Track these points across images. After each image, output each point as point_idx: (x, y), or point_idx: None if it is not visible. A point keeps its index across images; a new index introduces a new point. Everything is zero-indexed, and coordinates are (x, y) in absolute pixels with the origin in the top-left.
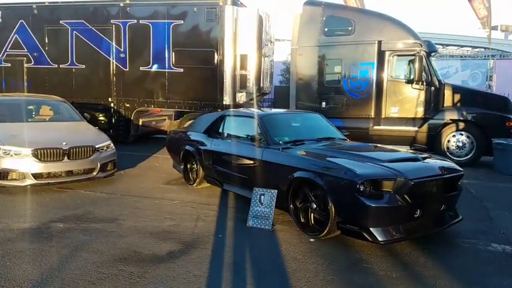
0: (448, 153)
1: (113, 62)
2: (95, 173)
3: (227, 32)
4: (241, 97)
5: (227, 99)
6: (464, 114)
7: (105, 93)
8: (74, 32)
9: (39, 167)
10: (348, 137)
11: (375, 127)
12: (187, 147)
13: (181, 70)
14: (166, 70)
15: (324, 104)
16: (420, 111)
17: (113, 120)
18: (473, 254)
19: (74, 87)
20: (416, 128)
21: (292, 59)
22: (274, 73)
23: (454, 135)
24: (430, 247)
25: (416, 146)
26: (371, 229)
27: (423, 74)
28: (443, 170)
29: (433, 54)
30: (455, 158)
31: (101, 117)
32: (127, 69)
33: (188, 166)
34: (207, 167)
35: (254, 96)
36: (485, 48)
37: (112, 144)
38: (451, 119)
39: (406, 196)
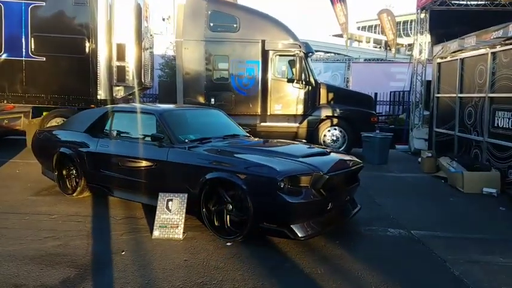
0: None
1: None
2: None
3: (100, 18)
4: (119, 91)
5: (102, 93)
6: (337, 111)
7: None
8: None
9: None
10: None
11: (262, 124)
12: (62, 149)
13: (44, 59)
14: (24, 58)
15: (213, 100)
16: (300, 109)
17: None
18: (378, 240)
19: None
20: (297, 124)
21: (178, 52)
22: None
23: (329, 130)
24: (340, 239)
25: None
26: (291, 226)
27: (302, 73)
28: (348, 162)
29: (310, 55)
30: None
31: None
32: None
33: (64, 172)
34: (91, 172)
35: (136, 90)
36: (335, 53)
37: None
38: (326, 116)
39: (321, 190)
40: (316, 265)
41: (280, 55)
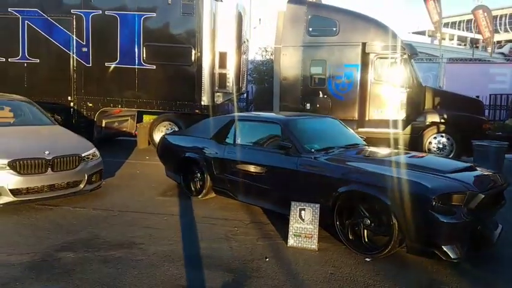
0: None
1: (73, 57)
2: (81, 186)
3: (205, 27)
4: (219, 97)
5: (205, 100)
6: (444, 117)
7: (64, 92)
8: (26, 21)
9: (18, 182)
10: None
11: (359, 129)
12: (188, 154)
13: (154, 67)
14: (136, 66)
15: (308, 105)
16: (402, 114)
17: (73, 122)
18: None
19: (25, 85)
20: (399, 130)
21: (276, 58)
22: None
23: (435, 137)
24: (488, 262)
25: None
26: (443, 247)
27: (406, 77)
28: (497, 179)
29: (414, 57)
30: None
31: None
32: (90, 65)
33: (188, 175)
34: (218, 176)
35: (234, 96)
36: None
37: (97, 152)
38: (432, 121)
39: (473, 210)
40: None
41: (381, 57)
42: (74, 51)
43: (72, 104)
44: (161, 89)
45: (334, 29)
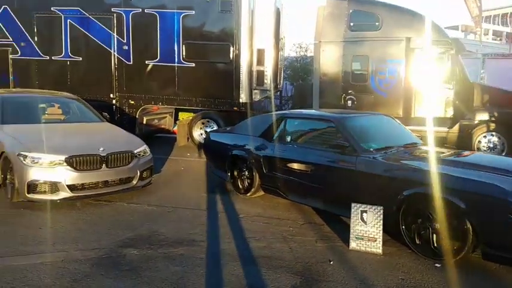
0: None
1: (114, 55)
2: (134, 182)
3: (243, 24)
4: (256, 95)
5: (243, 97)
6: (495, 115)
7: (106, 89)
8: (68, 20)
9: (75, 177)
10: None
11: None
12: (236, 152)
13: (193, 65)
14: (176, 64)
15: (349, 102)
16: (450, 111)
17: (116, 119)
18: None
19: (68, 82)
20: (446, 129)
21: (316, 54)
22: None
23: (484, 136)
24: None
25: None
26: None
27: (453, 73)
28: None
29: (461, 52)
30: None
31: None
32: (131, 63)
33: (235, 173)
34: (267, 175)
35: (271, 93)
36: None
37: (148, 149)
38: (481, 120)
39: None
40: None
41: (427, 53)
42: (115, 49)
43: (114, 101)
44: (200, 87)
45: (377, 23)
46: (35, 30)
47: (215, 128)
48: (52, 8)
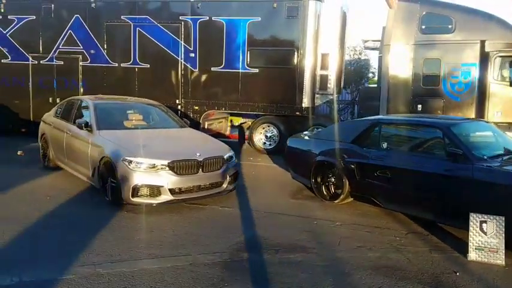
0: None
1: (181, 62)
2: (224, 186)
3: (309, 29)
4: (318, 99)
5: (306, 101)
6: None
7: (172, 95)
8: (137, 28)
9: (176, 182)
10: None
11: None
12: (321, 158)
13: (257, 70)
14: (240, 71)
15: (419, 107)
16: None
17: None
18: None
19: (136, 88)
20: None
21: (384, 57)
22: None
23: None
24: None
25: None
26: None
27: None
28: None
29: None
30: None
31: None
32: (196, 70)
33: (319, 179)
34: (359, 182)
35: (334, 97)
36: None
37: (233, 154)
38: None
39: None
40: None
41: (503, 56)
42: (182, 56)
43: (179, 107)
44: (263, 92)
45: (450, 26)
46: (105, 38)
47: (275, 132)
48: (122, 17)
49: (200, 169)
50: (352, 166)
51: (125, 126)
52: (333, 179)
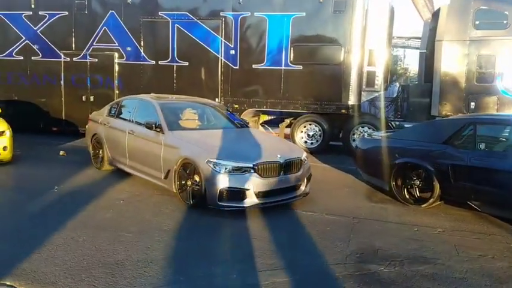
0: None
1: (221, 59)
2: (302, 189)
3: (356, 25)
4: (363, 96)
5: (352, 99)
6: None
7: (212, 94)
8: (176, 25)
9: (261, 184)
10: None
11: None
12: (405, 159)
13: (300, 68)
14: (283, 68)
15: (473, 104)
16: None
17: None
18: None
19: (174, 87)
20: None
21: (437, 53)
22: None
23: None
24: None
25: None
26: None
27: None
28: None
29: None
30: None
31: None
32: (237, 67)
33: (399, 182)
34: (453, 185)
35: (382, 94)
36: None
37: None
38: None
39: None
40: None
41: None
42: (222, 53)
43: None
44: (306, 89)
45: (505, 21)
46: (141, 35)
47: (318, 131)
48: (160, 13)
49: (282, 171)
50: (446, 168)
51: (191, 126)
52: (418, 182)
